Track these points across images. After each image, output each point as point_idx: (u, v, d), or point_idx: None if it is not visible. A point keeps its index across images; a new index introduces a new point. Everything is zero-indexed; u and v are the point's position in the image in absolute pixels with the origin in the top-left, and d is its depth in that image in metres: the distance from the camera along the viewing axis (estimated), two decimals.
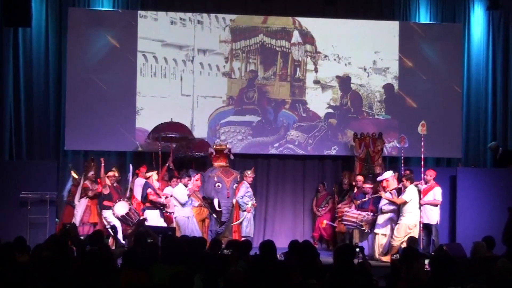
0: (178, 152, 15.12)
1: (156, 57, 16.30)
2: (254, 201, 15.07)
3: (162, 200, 13.85)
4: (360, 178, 14.88)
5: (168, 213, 13.96)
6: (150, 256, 8.01)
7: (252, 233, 14.94)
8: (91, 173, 14.25)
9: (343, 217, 14.13)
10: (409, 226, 13.28)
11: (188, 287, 5.69)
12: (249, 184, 14.95)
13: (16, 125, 16.02)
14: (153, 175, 14.12)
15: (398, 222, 13.41)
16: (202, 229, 14.11)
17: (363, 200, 14.01)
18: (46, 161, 15.44)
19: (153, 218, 13.70)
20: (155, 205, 13.84)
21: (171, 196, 13.94)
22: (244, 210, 14.72)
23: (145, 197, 13.86)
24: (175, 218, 13.75)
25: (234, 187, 14.67)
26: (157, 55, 16.30)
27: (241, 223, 14.69)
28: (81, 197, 14.22)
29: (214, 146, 15.15)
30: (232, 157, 15.15)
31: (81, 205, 14.15)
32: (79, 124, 15.86)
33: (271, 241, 8.50)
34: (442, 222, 14.15)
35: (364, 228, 13.84)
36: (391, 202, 13.58)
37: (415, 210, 13.44)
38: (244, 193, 14.75)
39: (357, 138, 15.82)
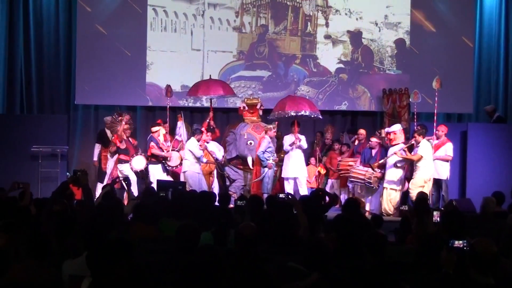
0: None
1: (167, 11, 16.20)
2: (276, 157, 14.20)
3: (164, 153, 13.90)
4: (362, 132, 14.86)
5: (170, 167, 13.98)
6: (160, 210, 8.07)
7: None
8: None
9: (350, 174, 14.08)
10: (424, 179, 13.24)
11: (194, 239, 5.70)
12: (271, 138, 14.14)
13: (27, 79, 16.08)
14: (161, 129, 14.13)
15: (414, 176, 13.37)
16: (209, 183, 14.00)
17: (380, 162, 13.64)
18: (57, 115, 15.55)
19: (156, 173, 13.77)
20: (157, 159, 13.90)
21: (182, 150, 13.93)
22: (265, 166, 13.87)
23: (147, 151, 14.01)
24: (184, 172, 13.62)
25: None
26: (167, 9, 16.20)
27: (262, 179, 13.94)
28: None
29: (246, 100, 14.72)
30: (260, 112, 14.78)
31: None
32: (89, 78, 15.88)
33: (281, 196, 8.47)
34: (452, 177, 14.16)
35: (373, 186, 13.81)
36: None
37: (430, 163, 13.36)
38: (265, 148, 13.86)
39: (386, 94, 15.66)
